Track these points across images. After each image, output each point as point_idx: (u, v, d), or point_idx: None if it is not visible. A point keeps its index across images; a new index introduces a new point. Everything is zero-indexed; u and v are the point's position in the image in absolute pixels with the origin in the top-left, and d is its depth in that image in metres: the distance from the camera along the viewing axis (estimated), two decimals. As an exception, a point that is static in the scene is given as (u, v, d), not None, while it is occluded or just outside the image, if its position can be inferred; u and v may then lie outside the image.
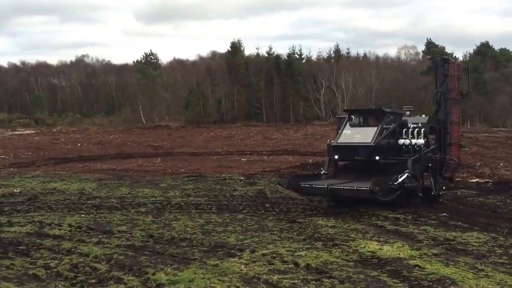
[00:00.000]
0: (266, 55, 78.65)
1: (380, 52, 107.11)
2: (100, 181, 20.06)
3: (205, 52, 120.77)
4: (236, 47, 77.93)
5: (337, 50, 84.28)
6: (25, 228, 11.73)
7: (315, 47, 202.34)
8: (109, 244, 10.07)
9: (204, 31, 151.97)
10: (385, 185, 13.32)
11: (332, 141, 15.32)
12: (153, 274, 7.90)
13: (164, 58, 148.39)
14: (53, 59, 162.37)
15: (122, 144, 38.49)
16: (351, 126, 15.36)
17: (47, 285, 7.48)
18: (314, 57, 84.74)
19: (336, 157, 14.90)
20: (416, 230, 11.28)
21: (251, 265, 8.51)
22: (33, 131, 55.35)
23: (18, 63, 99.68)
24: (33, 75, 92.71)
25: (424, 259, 8.99)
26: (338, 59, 79.31)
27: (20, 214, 13.43)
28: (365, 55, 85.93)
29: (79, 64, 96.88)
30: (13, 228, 11.70)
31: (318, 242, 10.19)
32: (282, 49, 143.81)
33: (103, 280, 7.66)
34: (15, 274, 8.12)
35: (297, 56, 79.17)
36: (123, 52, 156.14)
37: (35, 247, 9.90)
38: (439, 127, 15.73)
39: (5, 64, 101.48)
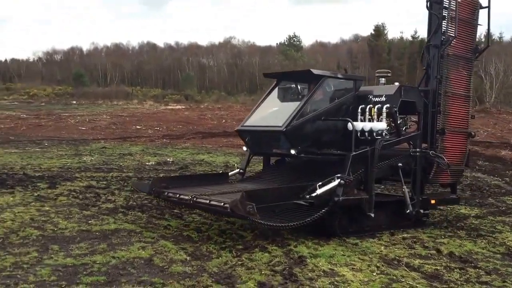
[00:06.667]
0: (410, 38, 75.92)
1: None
2: (243, 156, 20.96)
3: (347, 35, 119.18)
4: (379, 30, 76.57)
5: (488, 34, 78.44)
6: (178, 194, 12.77)
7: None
8: (254, 215, 10.59)
9: (347, 14, 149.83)
10: (283, 199, 8.48)
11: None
12: (295, 246, 8.24)
13: (307, 40, 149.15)
14: (203, 40, 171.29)
15: (263, 123, 39.58)
16: (281, 100, 10.40)
17: (199, 246, 8.15)
18: (462, 41, 79.91)
19: (245, 148, 10.49)
20: None
21: (391, 247, 8.52)
22: (183, 107, 59.15)
23: (172, 44, 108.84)
24: (185, 54, 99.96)
25: None
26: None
27: (173, 181, 14.60)
28: (521, 40, 79.27)
29: (226, 45, 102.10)
30: (168, 194, 12.79)
31: (461, 231, 9.83)
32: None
33: (249, 247, 8.16)
34: (172, 234, 8.94)
35: (443, 40, 75.21)
36: (268, 33, 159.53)
37: (187, 212, 10.77)
38: (425, 103, 9.98)
39: (161, 44, 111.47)
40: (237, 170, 10.70)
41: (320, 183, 8.46)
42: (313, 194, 8.35)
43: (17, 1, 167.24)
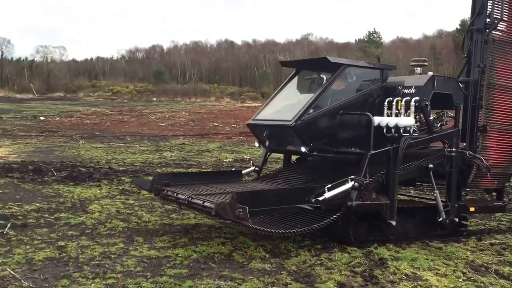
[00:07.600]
0: (499, 33, 72.52)
1: None
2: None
3: (430, 31, 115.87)
4: (465, 25, 73.47)
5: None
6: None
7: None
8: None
9: (428, 9, 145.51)
10: (285, 202, 7.52)
11: None
12: (376, 248, 8.06)
13: (387, 36, 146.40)
14: (280, 37, 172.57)
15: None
16: (300, 91, 9.34)
17: (278, 244, 8.15)
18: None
19: (256, 144, 9.46)
20: None
21: (478, 253, 8.14)
22: (259, 104, 59.60)
23: (250, 41, 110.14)
24: (262, 52, 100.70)
25: None
26: None
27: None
28: None
29: (304, 42, 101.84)
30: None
31: (556, 240, 9.24)
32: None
33: (328, 247, 8.06)
34: (250, 231, 9.00)
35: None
36: (347, 30, 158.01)
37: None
38: (464, 96, 8.78)
39: (239, 42, 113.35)
40: (252, 168, 9.80)
41: (329, 186, 7.49)
42: (320, 198, 7.39)
43: (104, 1, 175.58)
